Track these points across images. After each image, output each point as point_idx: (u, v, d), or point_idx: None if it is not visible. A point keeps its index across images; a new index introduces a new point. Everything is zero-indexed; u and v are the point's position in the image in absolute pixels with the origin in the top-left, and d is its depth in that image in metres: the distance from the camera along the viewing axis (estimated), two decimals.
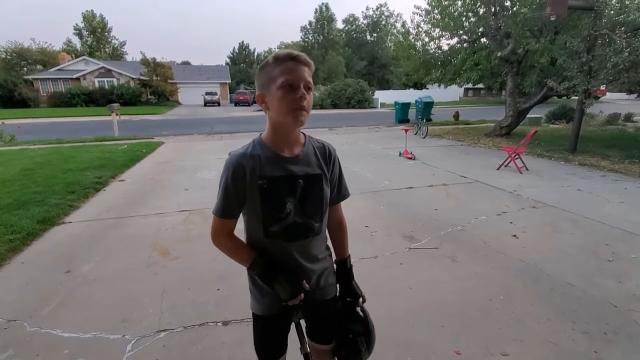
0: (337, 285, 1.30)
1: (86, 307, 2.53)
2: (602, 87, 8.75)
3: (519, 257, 3.22)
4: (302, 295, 1.11)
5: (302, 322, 1.24)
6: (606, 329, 2.25)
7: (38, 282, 2.87)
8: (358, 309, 1.26)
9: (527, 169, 6.69)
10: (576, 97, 8.60)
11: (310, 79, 1.03)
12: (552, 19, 7.85)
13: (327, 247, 1.27)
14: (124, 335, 2.21)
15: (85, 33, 48.12)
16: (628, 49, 6.79)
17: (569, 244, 3.52)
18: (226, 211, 1.09)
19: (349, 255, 1.30)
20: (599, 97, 14.39)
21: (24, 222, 3.89)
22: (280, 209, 1.07)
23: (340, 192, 1.25)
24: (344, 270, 1.28)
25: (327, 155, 1.18)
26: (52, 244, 3.60)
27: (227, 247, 1.14)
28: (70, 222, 4.18)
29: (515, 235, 3.70)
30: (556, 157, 7.90)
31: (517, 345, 2.12)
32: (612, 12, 7.70)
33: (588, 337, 2.18)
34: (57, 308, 2.51)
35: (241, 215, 1.14)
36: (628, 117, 15.61)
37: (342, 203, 1.29)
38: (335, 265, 1.30)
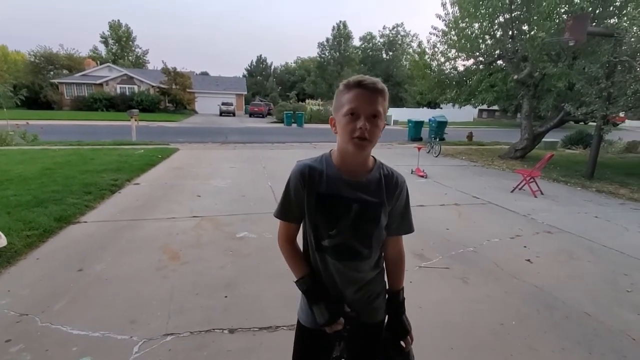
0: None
1: (96, 306, 2.55)
2: (621, 114, 8.63)
3: (532, 282, 3.14)
4: (342, 320, 1.10)
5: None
6: None
7: (51, 278, 2.92)
8: (403, 344, 1.19)
9: (542, 193, 6.58)
10: (593, 123, 8.48)
11: (380, 107, 1.01)
12: (571, 44, 7.85)
13: (380, 272, 1.22)
14: (131, 337, 2.22)
15: (110, 41, 50.06)
16: None
17: (585, 272, 3.42)
18: (283, 213, 1.15)
19: (402, 288, 1.26)
20: (617, 124, 14.15)
21: (42, 219, 3.99)
22: (331, 227, 1.09)
23: (403, 225, 1.20)
24: (396, 301, 1.23)
25: (392, 185, 1.14)
26: (67, 242, 3.67)
27: (286, 252, 1.18)
28: (86, 222, 4.27)
29: (529, 260, 3.62)
30: (572, 183, 7.75)
31: None
32: (632, 39, 7.66)
33: None
34: (68, 305, 2.54)
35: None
36: None
37: None
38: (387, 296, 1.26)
